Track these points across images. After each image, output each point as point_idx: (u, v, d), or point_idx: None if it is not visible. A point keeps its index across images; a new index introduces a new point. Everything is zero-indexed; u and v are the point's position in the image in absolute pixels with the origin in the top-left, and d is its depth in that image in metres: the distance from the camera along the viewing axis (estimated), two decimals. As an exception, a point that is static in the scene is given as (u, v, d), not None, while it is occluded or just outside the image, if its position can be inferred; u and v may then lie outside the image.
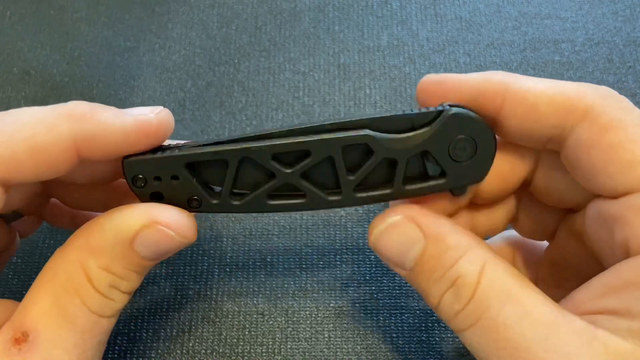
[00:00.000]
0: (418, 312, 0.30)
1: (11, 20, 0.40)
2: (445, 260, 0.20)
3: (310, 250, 0.32)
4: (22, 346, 0.19)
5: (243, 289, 0.30)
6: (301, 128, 0.21)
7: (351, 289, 0.30)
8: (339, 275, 0.31)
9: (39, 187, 0.25)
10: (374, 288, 0.30)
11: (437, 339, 0.29)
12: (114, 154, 0.21)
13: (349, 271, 0.31)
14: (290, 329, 0.29)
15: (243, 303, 0.30)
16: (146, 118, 0.21)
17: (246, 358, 0.29)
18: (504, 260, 0.20)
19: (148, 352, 0.29)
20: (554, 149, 0.22)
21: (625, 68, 0.37)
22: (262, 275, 0.31)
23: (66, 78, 0.38)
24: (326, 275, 0.31)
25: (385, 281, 0.30)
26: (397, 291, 0.30)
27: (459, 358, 0.29)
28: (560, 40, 0.38)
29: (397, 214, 0.21)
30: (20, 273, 0.31)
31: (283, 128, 0.22)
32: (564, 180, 0.22)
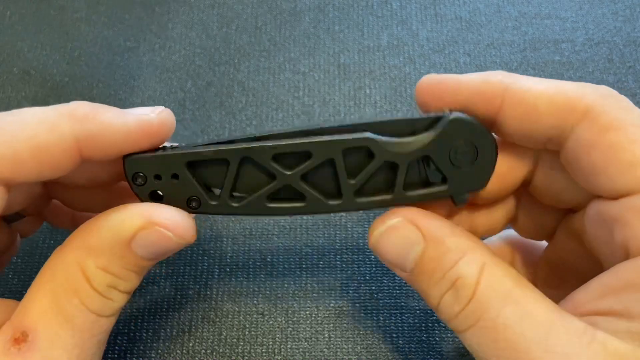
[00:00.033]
0: (418, 312, 0.30)
1: (11, 20, 0.40)
2: (444, 261, 0.20)
3: (310, 250, 0.32)
4: (22, 346, 0.19)
5: (243, 289, 0.30)
6: (302, 130, 0.22)
7: (351, 289, 0.30)
8: (339, 275, 0.31)
9: (41, 189, 0.25)
10: (374, 288, 0.30)
11: (437, 339, 0.29)
12: (116, 154, 0.21)
13: (349, 271, 0.31)
14: (290, 329, 0.29)
15: (243, 303, 0.30)
16: (148, 118, 0.21)
17: (246, 358, 0.29)
18: (503, 261, 0.20)
19: (148, 352, 0.29)
20: (553, 149, 0.22)
21: (625, 68, 0.37)
22: (262, 275, 0.31)
23: (66, 78, 0.38)
24: (326, 275, 0.31)
25: (385, 281, 0.30)
26: (397, 291, 0.30)
27: (459, 358, 0.29)
28: (560, 40, 0.38)
29: (397, 216, 0.21)
30: (20, 273, 0.31)
31: (284, 130, 0.22)
32: (564, 180, 0.22)
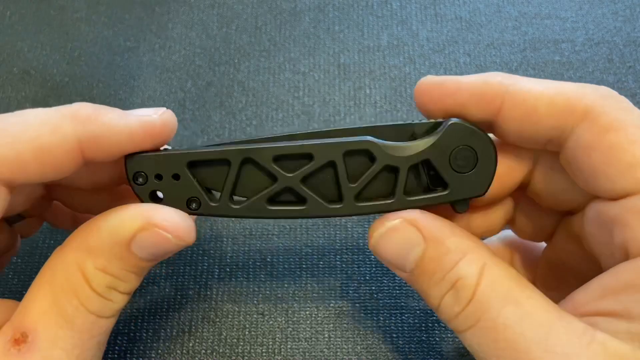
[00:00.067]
0: (418, 312, 0.30)
1: (11, 20, 0.40)
2: (445, 262, 0.20)
3: (310, 251, 0.32)
4: (22, 347, 0.19)
5: (243, 289, 0.30)
6: (303, 133, 0.22)
7: (351, 289, 0.30)
8: (339, 276, 0.31)
9: (43, 190, 0.25)
10: (374, 288, 0.30)
11: (437, 339, 0.29)
12: (118, 155, 0.21)
13: (349, 271, 0.31)
14: (290, 329, 0.29)
15: (243, 303, 0.30)
16: (150, 119, 0.21)
17: (246, 358, 0.29)
18: (503, 261, 0.20)
19: (148, 352, 0.29)
20: (553, 151, 0.22)
21: (625, 68, 0.37)
22: (262, 276, 0.31)
23: (66, 78, 0.38)
24: (326, 275, 0.31)
25: (385, 281, 0.30)
26: (397, 291, 0.30)
27: (459, 358, 0.29)
28: (560, 40, 0.38)
29: (397, 217, 0.21)
30: (20, 273, 0.31)
31: (285, 133, 0.22)
32: (562, 182, 0.22)
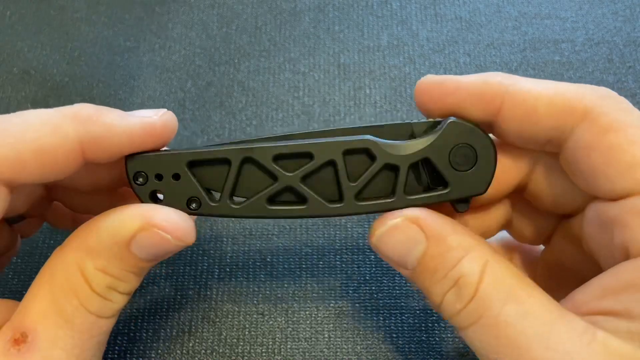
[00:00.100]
0: (418, 312, 0.30)
1: (11, 20, 0.40)
2: (447, 260, 0.20)
3: (310, 251, 0.32)
4: (22, 347, 0.19)
5: (243, 289, 0.30)
6: (303, 133, 0.22)
7: (351, 289, 0.30)
8: (339, 276, 0.31)
9: (43, 191, 0.26)
10: (374, 288, 0.30)
11: (437, 339, 0.29)
12: (119, 156, 0.21)
13: (349, 271, 0.31)
14: (290, 329, 0.29)
15: (243, 303, 0.30)
16: (151, 120, 0.21)
17: (246, 358, 0.29)
18: (505, 259, 0.20)
19: (148, 352, 0.29)
20: (552, 152, 0.22)
21: (625, 68, 0.37)
22: (262, 276, 0.31)
23: (66, 78, 0.38)
24: (326, 275, 0.31)
25: (385, 281, 0.30)
26: (397, 291, 0.30)
27: (459, 358, 0.29)
28: (560, 40, 0.38)
29: (398, 215, 0.21)
30: (20, 273, 0.31)
31: (285, 133, 0.22)
32: (561, 184, 0.22)
